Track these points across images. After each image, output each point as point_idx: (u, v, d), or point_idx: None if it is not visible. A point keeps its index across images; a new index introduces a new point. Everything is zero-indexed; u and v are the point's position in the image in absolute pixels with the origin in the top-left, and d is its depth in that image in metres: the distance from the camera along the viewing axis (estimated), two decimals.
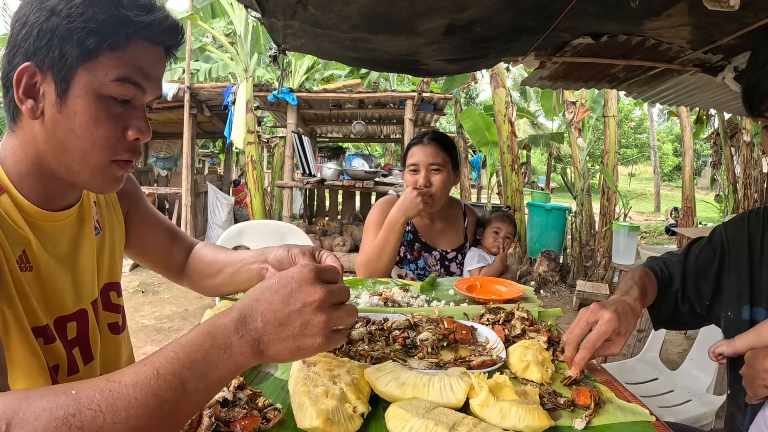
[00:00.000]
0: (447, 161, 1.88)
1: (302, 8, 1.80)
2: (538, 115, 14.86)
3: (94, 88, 0.74)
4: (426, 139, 1.90)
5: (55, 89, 0.73)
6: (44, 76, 0.73)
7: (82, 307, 0.89)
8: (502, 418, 0.74)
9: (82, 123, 0.74)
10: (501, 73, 6.49)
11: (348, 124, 7.81)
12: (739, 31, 1.71)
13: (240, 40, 6.46)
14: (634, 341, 3.17)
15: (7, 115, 0.78)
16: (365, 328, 1.08)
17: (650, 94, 2.93)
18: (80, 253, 0.91)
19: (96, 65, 0.73)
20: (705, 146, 15.11)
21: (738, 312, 1.11)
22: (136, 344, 3.78)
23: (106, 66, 0.73)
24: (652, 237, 11.54)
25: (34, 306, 0.79)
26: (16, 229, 0.77)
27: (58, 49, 0.71)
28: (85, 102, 0.74)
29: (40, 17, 0.71)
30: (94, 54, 0.72)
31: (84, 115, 0.74)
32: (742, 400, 1.07)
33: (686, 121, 7.76)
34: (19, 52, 0.73)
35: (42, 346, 0.79)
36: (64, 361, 0.84)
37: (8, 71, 0.74)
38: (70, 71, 0.72)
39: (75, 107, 0.74)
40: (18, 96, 0.73)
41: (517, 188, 6.54)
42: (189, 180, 6.54)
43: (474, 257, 2.01)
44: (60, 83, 0.73)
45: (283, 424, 0.74)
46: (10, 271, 0.75)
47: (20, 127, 0.77)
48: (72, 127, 0.74)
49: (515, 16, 1.78)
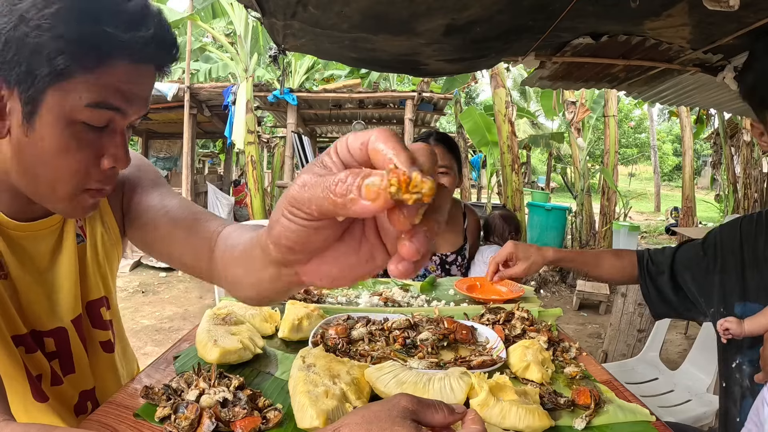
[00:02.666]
0: (453, 164, 1.88)
1: (302, 8, 1.80)
2: (538, 115, 14.85)
3: (65, 113, 0.63)
4: (432, 140, 1.89)
5: (21, 110, 0.63)
6: (10, 92, 0.63)
7: (59, 325, 0.82)
8: (502, 418, 0.75)
9: (49, 151, 0.65)
10: (501, 73, 6.49)
11: (348, 124, 7.80)
12: (739, 31, 1.71)
13: (240, 40, 6.46)
14: (634, 341, 3.17)
15: None
16: (365, 328, 1.08)
17: (650, 94, 2.93)
18: (58, 267, 0.83)
19: (67, 86, 0.62)
20: (705, 146, 15.10)
21: (730, 307, 1.14)
22: (137, 344, 3.78)
23: (80, 88, 0.62)
24: (652, 237, 11.54)
25: (12, 314, 0.74)
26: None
27: (25, 64, 0.60)
28: (54, 128, 0.63)
29: (7, 23, 0.60)
30: (65, 74, 0.61)
31: (52, 143, 0.64)
32: (737, 394, 1.09)
33: (686, 121, 7.77)
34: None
35: (24, 355, 0.76)
36: (47, 371, 0.80)
37: None
38: (38, 91, 0.62)
39: (42, 133, 0.64)
40: None
41: (517, 188, 6.53)
42: (189, 180, 6.54)
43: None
44: (27, 104, 0.63)
45: (283, 424, 0.74)
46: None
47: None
48: (38, 154, 0.65)
49: (515, 16, 1.77)
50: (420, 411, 0.52)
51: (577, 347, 1.11)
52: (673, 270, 1.29)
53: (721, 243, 1.20)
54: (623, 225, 6.43)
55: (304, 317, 1.09)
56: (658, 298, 1.33)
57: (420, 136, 1.97)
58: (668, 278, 1.29)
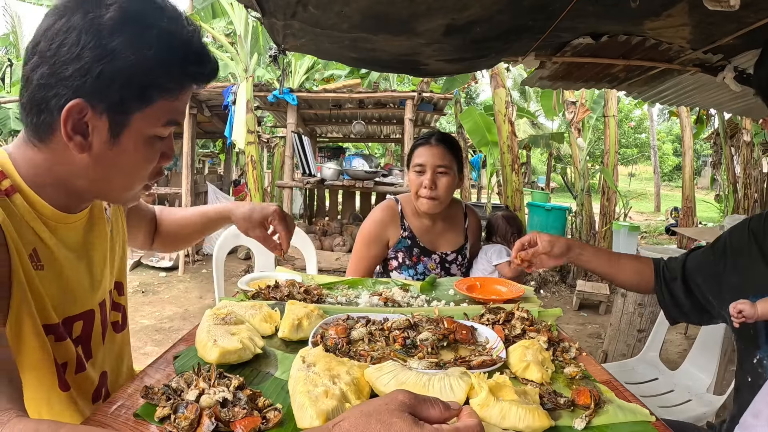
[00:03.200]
0: (453, 164, 1.88)
1: (302, 8, 1.80)
2: (538, 115, 14.84)
3: (147, 132, 0.77)
4: (433, 140, 1.88)
5: (108, 129, 0.74)
6: (97, 115, 0.72)
7: (90, 307, 0.90)
8: (502, 418, 0.74)
9: (131, 162, 0.78)
10: (501, 73, 6.49)
11: (348, 124, 7.80)
12: (739, 31, 1.71)
13: (240, 40, 6.45)
14: (634, 341, 3.17)
15: (32, 133, 0.76)
16: (365, 328, 1.08)
17: (650, 94, 2.93)
18: (94, 251, 0.92)
19: (151, 111, 0.75)
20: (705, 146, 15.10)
21: None
22: (137, 344, 3.78)
23: (161, 112, 0.76)
24: (652, 237, 11.54)
25: (46, 304, 0.79)
26: (28, 228, 0.77)
27: (118, 95, 0.71)
28: (137, 143, 0.77)
29: (100, 56, 0.68)
30: (151, 101, 0.74)
31: (135, 155, 0.78)
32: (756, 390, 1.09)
33: (686, 121, 7.76)
34: (66, 84, 0.69)
35: (53, 344, 0.81)
36: (73, 358, 0.85)
37: (45, 96, 0.71)
38: (127, 115, 0.74)
39: (127, 147, 0.76)
40: (66, 132, 0.71)
41: (517, 188, 6.53)
42: (189, 180, 6.53)
43: (501, 252, 2.02)
44: (114, 125, 0.74)
45: (283, 424, 0.74)
46: (23, 268, 0.75)
47: (50, 148, 0.76)
48: (119, 163, 0.77)
49: (515, 16, 1.77)
50: (417, 405, 0.54)
51: (577, 347, 1.11)
52: (685, 274, 1.30)
53: (731, 244, 1.22)
54: (623, 225, 6.43)
55: (304, 317, 1.09)
56: (671, 302, 1.34)
57: (422, 136, 1.97)
58: (681, 283, 1.30)
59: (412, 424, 0.51)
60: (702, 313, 1.30)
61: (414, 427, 0.51)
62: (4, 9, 14.79)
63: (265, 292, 1.34)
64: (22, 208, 0.77)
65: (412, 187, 1.90)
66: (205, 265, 6.42)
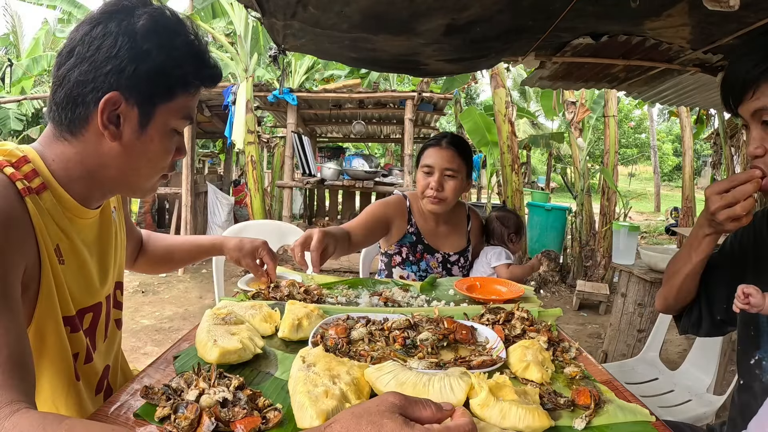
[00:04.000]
0: (462, 168, 1.87)
1: (302, 8, 1.80)
2: (538, 115, 14.85)
3: (169, 123, 0.88)
4: (444, 142, 1.88)
5: (138, 120, 0.84)
6: (129, 107, 0.83)
7: (99, 300, 0.97)
8: (502, 418, 0.74)
9: (156, 151, 0.89)
10: (501, 73, 6.49)
11: (348, 124, 7.80)
12: (739, 31, 1.71)
13: (240, 40, 6.45)
14: (634, 341, 3.17)
15: (65, 128, 0.84)
16: (365, 328, 1.08)
17: (650, 94, 2.93)
18: (103, 248, 1.00)
19: (172, 105, 0.87)
20: (705, 146, 15.10)
21: None
22: (137, 344, 3.78)
23: (180, 106, 0.88)
24: (652, 237, 11.54)
25: (66, 296, 0.86)
26: (53, 224, 0.84)
27: (148, 89, 0.83)
28: (161, 134, 0.88)
29: (135, 55, 0.80)
30: (174, 96, 0.87)
31: (159, 145, 0.89)
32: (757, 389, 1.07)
33: (686, 121, 7.76)
34: (104, 79, 0.80)
35: (68, 335, 0.86)
36: (83, 349, 0.91)
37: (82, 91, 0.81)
38: (153, 107, 0.85)
39: (152, 137, 0.87)
40: (102, 121, 0.81)
41: (517, 188, 6.53)
42: (189, 180, 6.53)
43: (501, 254, 2.01)
44: (143, 116, 0.85)
45: (283, 424, 0.74)
46: (51, 263, 0.81)
47: (82, 140, 0.85)
48: (145, 152, 0.88)
49: (515, 16, 1.77)
50: (408, 406, 0.55)
51: (577, 347, 1.11)
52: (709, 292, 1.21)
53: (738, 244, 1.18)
54: (623, 225, 6.40)
55: (304, 317, 1.09)
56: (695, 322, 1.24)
57: (434, 137, 1.95)
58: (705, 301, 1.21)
59: (402, 424, 0.52)
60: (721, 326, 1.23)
61: (404, 428, 0.52)
62: (4, 9, 14.80)
63: (265, 292, 1.34)
64: (50, 205, 0.83)
65: (419, 187, 1.90)
66: (205, 265, 6.42)
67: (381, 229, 1.91)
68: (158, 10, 0.85)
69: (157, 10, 0.84)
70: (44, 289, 0.80)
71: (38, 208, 0.80)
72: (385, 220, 1.91)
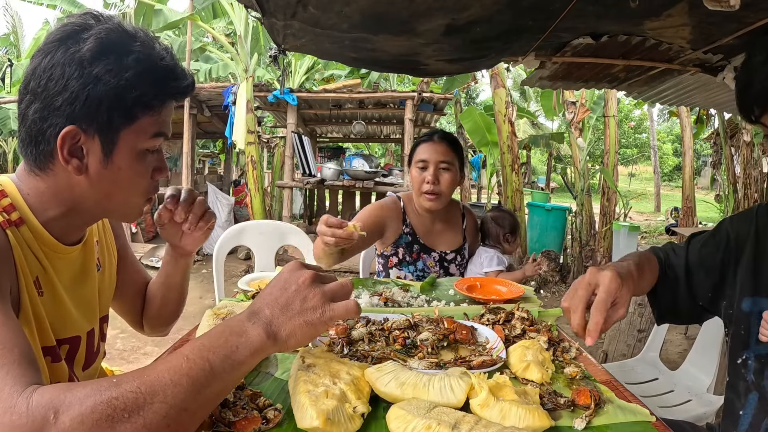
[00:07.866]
0: (455, 160, 1.90)
1: (302, 8, 1.80)
2: (538, 115, 14.84)
3: (137, 146, 0.83)
4: (436, 137, 1.91)
5: (101, 149, 0.80)
6: (89, 137, 0.79)
7: (77, 334, 0.94)
8: (502, 418, 0.74)
9: (126, 177, 0.84)
10: (501, 73, 6.49)
11: (348, 124, 7.80)
12: (739, 31, 1.71)
13: (240, 40, 6.45)
14: (634, 341, 3.17)
15: (32, 163, 0.82)
16: (365, 328, 1.08)
17: (650, 94, 2.93)
18: (84, 286, 0.97)
19: (137, 127, 0.82)
20: (705, 146, 15.11)
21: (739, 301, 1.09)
22: (137, 344, 3.78)
23: (146, 127, 0.82)
24: (652, 237, 11.54)
25: (46, 326, 0.84)
26: (32, 258, 0.83)
27: (105, 115, 0.78)
28: (128, 159, 0.83)
29: (84, 83, 0.75)
30: (135, 119, 0.81)
31: (128, 170, 0.83)
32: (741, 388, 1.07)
33: (686, 121, 7.77)
34: (58, 113, 0.76)
35: (49, 365, 0.85)
36: (66, 378, 0.89)
37: (41, 128, 0.78)
38: (116, 133, 0.80)
39: (120, 163, 0.82)
40: (63, 156, 0.78)
41: (517, 188, 6.53)
42: (189, 180, 6.54)
43: (493, 259, 2.01)
44: (106, 144, 0.80)
45: (282, 424, 0.74)
46: (28, 294, 0.80)
47: (51, 175, 0.82)
48: (116, 180, 0.83)
49: (515, 16, 1.78)
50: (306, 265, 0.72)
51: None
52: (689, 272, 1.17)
53: (735, 234, 1.13)
54: (623, 225, 6.43)
55: None
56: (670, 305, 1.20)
57: (425, 134, 1.98)
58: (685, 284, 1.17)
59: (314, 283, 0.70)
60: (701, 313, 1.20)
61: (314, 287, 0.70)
62: (5, 9, 14.79)
63: None
64: (28, 239, 0.82)
65: (414, 184, 1.90)
66: (205, 265, 6.42)
67: (376, 233, 1.92)
68: (105, 29, 0.78)
69: (103, 30, 0.77)
70: (23, 320, 0.78)
71: (18, 240, 0.79)
72: (380, 222, 1.92)
